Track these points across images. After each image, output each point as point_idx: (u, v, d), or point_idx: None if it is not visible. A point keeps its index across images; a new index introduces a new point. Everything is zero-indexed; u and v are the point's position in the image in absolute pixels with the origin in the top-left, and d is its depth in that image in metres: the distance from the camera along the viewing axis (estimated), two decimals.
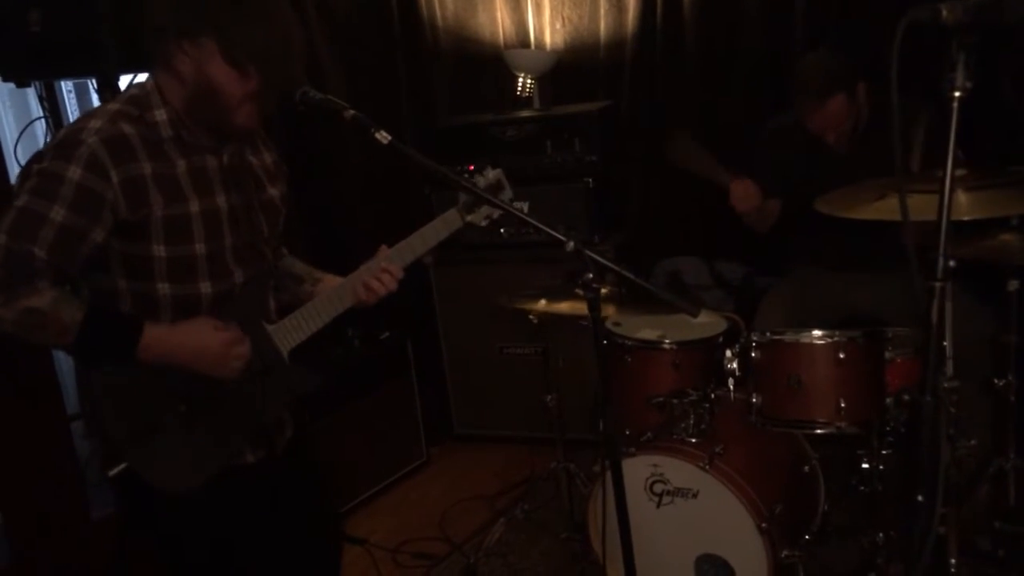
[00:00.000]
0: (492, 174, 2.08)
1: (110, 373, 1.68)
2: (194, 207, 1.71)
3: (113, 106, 1.69)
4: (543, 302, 2.64)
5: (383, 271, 1.91)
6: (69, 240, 1.60)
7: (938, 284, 1.27)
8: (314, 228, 3.71)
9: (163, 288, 1.71)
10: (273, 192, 1.92)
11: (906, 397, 2.25)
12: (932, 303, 1.26)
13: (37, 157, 1.65)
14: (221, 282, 1.78)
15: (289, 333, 1.86)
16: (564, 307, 2.54)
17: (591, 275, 1.64)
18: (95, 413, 1.72)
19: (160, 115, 1.69)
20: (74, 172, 1.59)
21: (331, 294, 1.91)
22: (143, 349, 1.66)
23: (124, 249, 1.67)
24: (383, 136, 1.66)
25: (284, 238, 2.04)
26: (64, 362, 2.80)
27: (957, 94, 1.25)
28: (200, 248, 1.73)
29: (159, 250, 1.68)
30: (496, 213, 2.06)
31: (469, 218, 2.04)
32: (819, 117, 2.84)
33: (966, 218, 1.95)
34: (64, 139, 1.63)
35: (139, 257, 1.68)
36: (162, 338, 1.69)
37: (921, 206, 1.57)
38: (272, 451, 1.89)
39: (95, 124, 1.64)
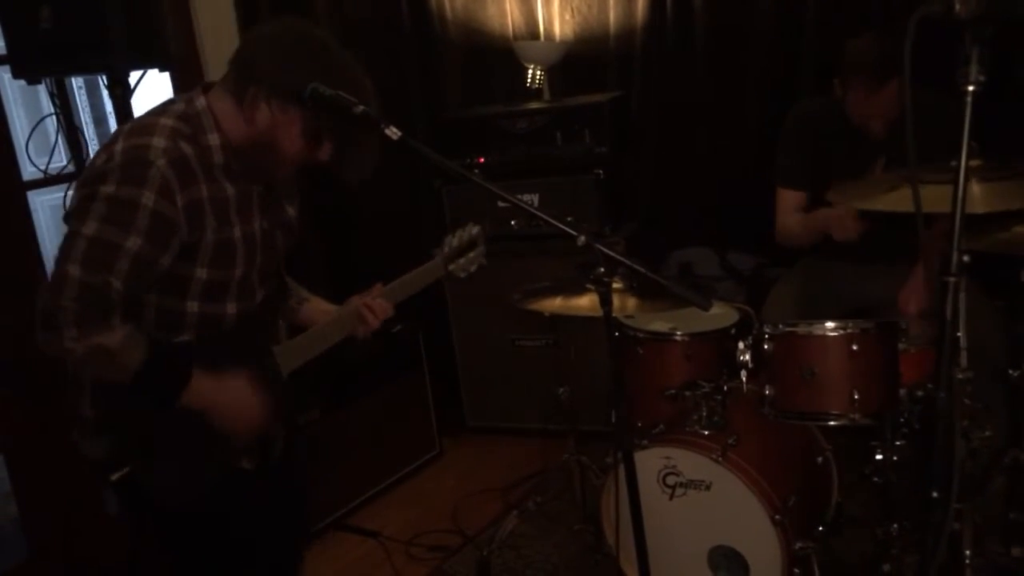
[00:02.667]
0: (474, 230, 2.21)
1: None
2: (237, 232, 1.72)
3: (167, 121, 1.65)
4: (559, 299, 2.62)
5: (378, 305, 1.97)
6: (143, 269, 1.59)
7: (952, 279, 1.26)
8: (323, 223, 3.72)
9: (192, 306, 1.72)
10: (291, 212, 1.94)
11: (920, 393, 2.24)
12: (946, 298, 1.25)
13: (98, 177, 1.58)
14: (245, 302, 1.80)
15: (292, 355, 1.88)
16: (583, 303, 2.52)
17: (602, 269, 1.64)
18: (91, 415, 1.74)
19: (214, 140, 1.68)
20: (148, 198, 1.56)
21: (332, 322, 1.95)
22: (186, 398, 1.67)
23: (169, 269, 1.65)
24: (393, 132, 1.65)
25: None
26: None
27: (971, 88, 1.23)
28: (238, 271, 1.74)
29: (201, 272, 1.69)
30: (474, 267, 2.20)
31: (450, 268, 2.17)
32: (873, 102, 2.70)
33: (980, 211, 1.93)
34: (131, 160, 1.58)
35: (179, 276, 1.68)
36: (208, 391, 1.69)
37: (934, 197, 1.56)
38: (265, 460, 1.90)
39: (159, 143, 1.60)
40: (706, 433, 2.41)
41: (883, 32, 2.75)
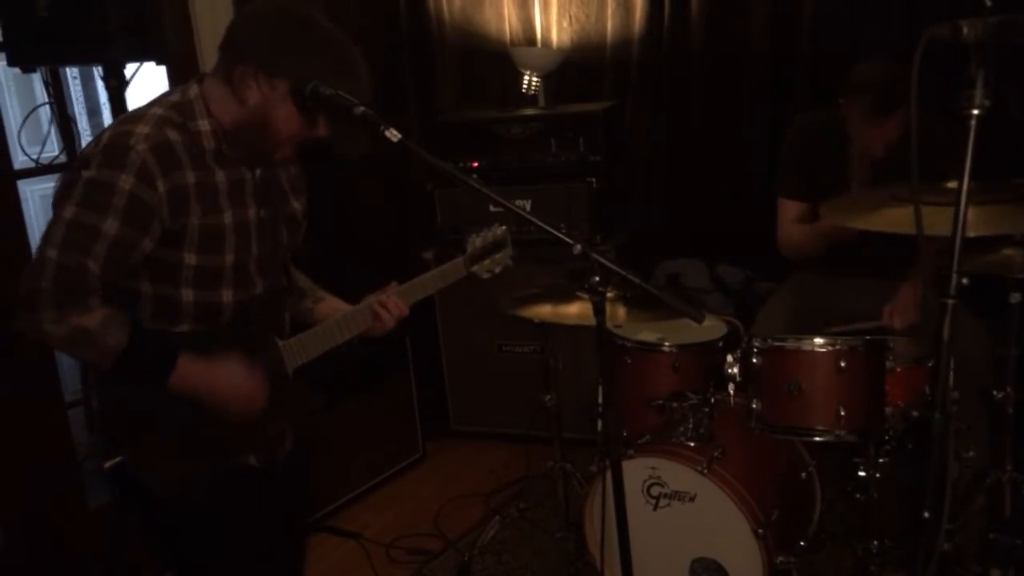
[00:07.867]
0: (499, 231, 2.14)
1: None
2: (228, 218, 1.72)
3: (157, 111, 1.67)
4: (548, 307, 2.61)
5: (393, 304, 1.94)
6: (121, 252, 1.59)
7: (951, 302, 1.27)
8: (312, 225, 3.69)
9: (187, 294, 1.70)
10: (296, 206, 1.94)
11: (915, 413, 2.25)
12: (944, 320, 1.26)
13: (82, 161, 1.61)
14: (243, 291, 1.78)
15: (298, 351, 1.87)
16: (572, 311, 2.52)
17: (597, 278, 1.64)
18: (96, 406, 1.74)
19: (204, 125, 1.68)
20: (126, 181, 1.56)
21: (342, 320, 1.92)
22: (175, 380, 1.66)
23: (155, 254, 1.65)
24: (393, 134, 1.64)
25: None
26: None
27: (975, 112, 1.24)
28: (229, 258, 1.73)
29: (190, 258, 1.68)
30: (499, 268, 2.13)
31: (473, 269, 2.09)
32: (876, 132, 2.69)
33: (972, 234, 1.94)
34: (112, 144, 1.60)
35: (168, 263, 1.67)
36: (197, 373, 1.68)
37: (927, 218, 1.57)
38: (272, 459, 1.89)
39: (143, 130, 1.61)
40: (692, 445, 2.42)
41: (892, 58, 2.70)
